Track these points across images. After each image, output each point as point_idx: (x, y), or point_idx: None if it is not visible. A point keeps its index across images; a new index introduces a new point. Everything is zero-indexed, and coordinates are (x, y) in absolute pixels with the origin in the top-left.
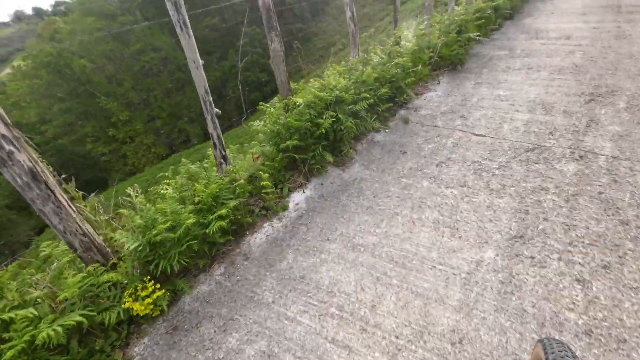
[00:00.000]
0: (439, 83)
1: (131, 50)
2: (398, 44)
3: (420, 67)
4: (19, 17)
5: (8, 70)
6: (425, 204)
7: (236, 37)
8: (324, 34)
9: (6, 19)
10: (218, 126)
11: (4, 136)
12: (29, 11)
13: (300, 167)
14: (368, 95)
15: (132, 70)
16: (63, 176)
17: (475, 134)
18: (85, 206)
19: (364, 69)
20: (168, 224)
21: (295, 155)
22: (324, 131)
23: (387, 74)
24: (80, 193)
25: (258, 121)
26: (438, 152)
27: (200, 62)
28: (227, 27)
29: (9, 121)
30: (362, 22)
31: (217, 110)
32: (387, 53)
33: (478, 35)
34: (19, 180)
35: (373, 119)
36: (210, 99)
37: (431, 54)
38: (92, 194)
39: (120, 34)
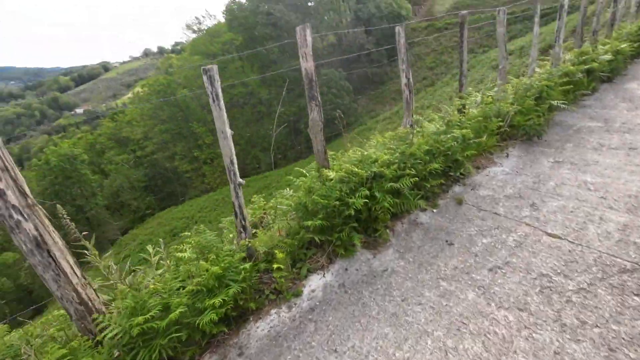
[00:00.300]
0: (507, 156)
1: (223, 84)
2: (461, 111)
3: (485, 137)
4: (146, 53)
5: (129, 95)
6: (467, 327)
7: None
8: (398, 77)
9: (137, 55)
10: (241, 196)
11: (14, 206)
12: (155, 49)
13: (325, 246)
14: (414, 172)
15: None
16: (84, 233)
17: (547, 233)
18: (100, 263)
19: (414, 139)
20: (154, 311)
21: (316, 238)
22: (353, 212)
23: (442, 146)
24: (95, 252)
25: (287, 189)
26: (494, 250)
27: (229, 132)
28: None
29: (26, 190)
30: (439, 69)
31: (241, 180)
32: (446, 122)
33: (563, 103)
34: (24, 247)
35: (418, 196)
36: (235, 169)
37: (500, 123)
38: (110, 252)
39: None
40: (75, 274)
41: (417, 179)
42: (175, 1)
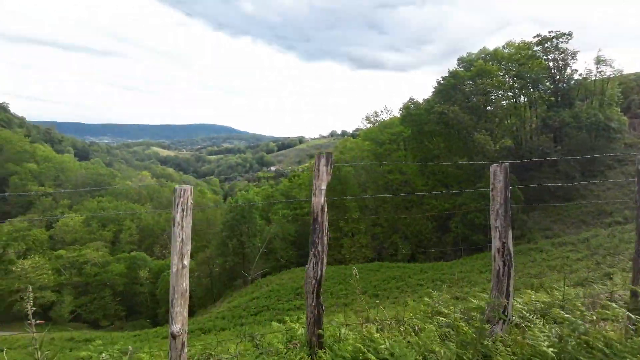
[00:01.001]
0: None
1: (383, 169)
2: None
3: None
4: (332, 134)
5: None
6: None
7: (479, 179)
8: (594, 197)
9: (325, 134)
10: None
11: None
12: (339, 131)
13: None
14: None
15: (377, 183)
16: None
17: None
18: None
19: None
20: None
21: None
22: None
23: None
24: None
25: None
26: None
27: None
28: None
29: None
30: None
31: None
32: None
33: None
34: None
35: None
36: None
37: None
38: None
39: (379, 155)
40: None
41: None
42: (364, 97)
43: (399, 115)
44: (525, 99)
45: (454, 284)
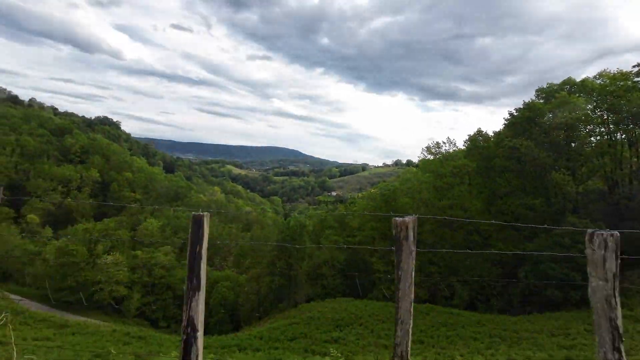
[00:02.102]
0: None
1: (442, 204)
2: None
3: None
4: (396, 163)
5: (364, 192)
6: None
7: (556, 223)
8: None
9: (389, 163)
10: None
11: None
12: (404, 160)
13: None
14: None
15: (436, 218)
16: None
17: None
18: None
19: None
20: None
21: None
22: None
23: None
24: None
25: None
26: None
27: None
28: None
29: None
30: None
31: None
32: None
33: None
34: None
35: None
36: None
37: None
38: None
39: (439, 188)
40: None
41: None
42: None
43: (462, 147)
44: (624, 136)
45: (515, 344)
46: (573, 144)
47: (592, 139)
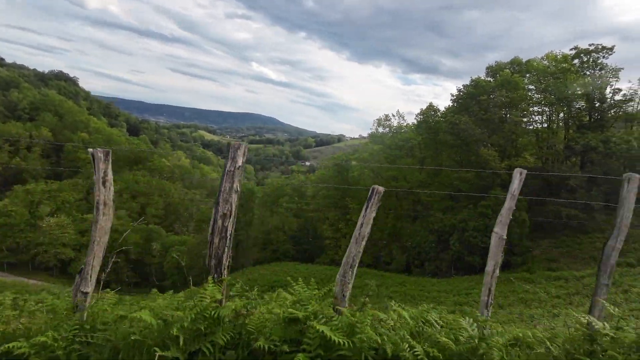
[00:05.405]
0: None
1: (387, 174)
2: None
3: None
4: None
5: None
6: None
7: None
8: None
9: (365, 134)
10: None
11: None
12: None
13: None
14: None
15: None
16: None
17: None
18: None
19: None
20: None
21: None
22: None
23: None
24: None
25: None
26: None
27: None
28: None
29: None
30: None
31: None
32: None
33: None
34: None
35: None
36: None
37: None
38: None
39: (390, 161)
40: None
41: None
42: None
43: (411, 123)
44: (562, 117)
45: (414, 300)
46: (506, 123)
47: (524, 119)
